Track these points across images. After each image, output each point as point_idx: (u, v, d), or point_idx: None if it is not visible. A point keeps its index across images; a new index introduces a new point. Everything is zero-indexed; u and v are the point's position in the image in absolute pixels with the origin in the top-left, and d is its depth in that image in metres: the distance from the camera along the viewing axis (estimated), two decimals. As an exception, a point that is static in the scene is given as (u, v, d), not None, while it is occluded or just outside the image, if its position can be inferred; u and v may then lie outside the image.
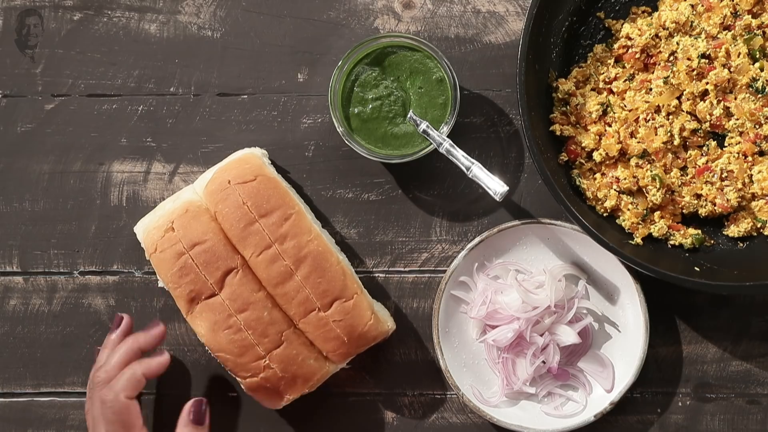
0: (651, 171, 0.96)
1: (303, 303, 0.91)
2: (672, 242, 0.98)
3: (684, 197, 0.97)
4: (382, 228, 1.02)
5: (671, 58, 0.98)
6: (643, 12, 1.00)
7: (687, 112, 0.97)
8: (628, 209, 0.97)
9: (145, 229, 0.94)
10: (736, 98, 0.96)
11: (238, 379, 0.93)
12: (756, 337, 1.01)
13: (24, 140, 1.03)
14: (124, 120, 1.03)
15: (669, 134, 0.96)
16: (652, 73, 0.98)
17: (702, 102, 0.97)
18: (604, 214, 0.98)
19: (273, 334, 0.91)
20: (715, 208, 0.97)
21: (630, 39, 0.99)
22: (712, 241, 0.99)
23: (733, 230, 0.98)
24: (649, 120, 0.97)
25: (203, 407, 0.92)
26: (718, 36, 0.97)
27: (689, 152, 0.98)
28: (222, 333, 0.90)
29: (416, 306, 1.02)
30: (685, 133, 0.97)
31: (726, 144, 0.98)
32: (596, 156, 0.97)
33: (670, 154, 0.97)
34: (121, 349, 0.92)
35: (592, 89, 1.00)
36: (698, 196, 0.98)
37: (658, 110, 0.97)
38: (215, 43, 1.03)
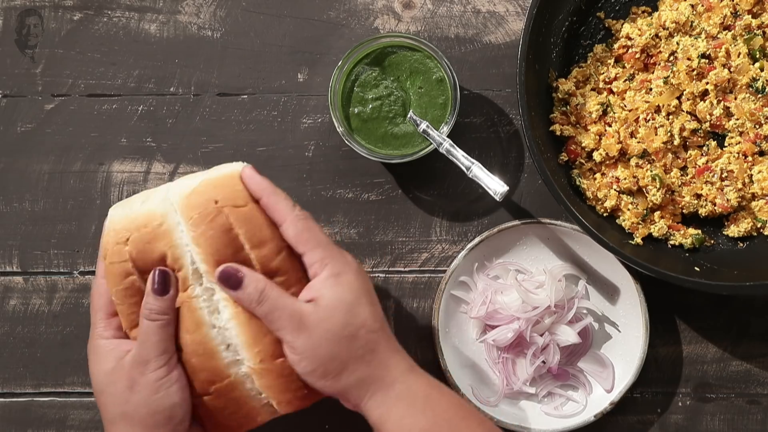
0: (651, 171, 0.96)
1: (274, 343, 0.83)
2: (672, 242, 0.98)
3: (684, 197, 0.97)
4: (382, 228, 1.02)
5: (671, 58, 0.98)
6: (643, 12, 1.00)
7: (687, 112, 0.97)
8: (628, 209, 0.97)
9: (110, 223, 0.85)
10: (736, 98, 0.96)
11: None
12: (756, 337, 1.01)
13: (24, 140, 1.03)
14: (124, 120, 1.03)
15: (669, 134, 0.96)
16: (652, 73, 0.98)
17: (702, 102, 0.97)
18: (604, 214, 0.98)
19: (200, 381, 0.83)
20: (715, 208, 0.97)
21: (630, 39, 0.99)
22: (712, 241, 0.99)
23: (733, 230, 0.98)
24: (649, 120, 0.97)
25: (167, 276, 0.83)
26: (718, 36, 0.97)
27: (689, 152, 0.98)
28: None
29: (416, 306, 1.02)
30: (685, 133, 0.97)
31: (726, 144, 0.98)
32: (596, 156, 0.97)
33: (670, 154, 0.97)
34: None
35: (592, 89, 1.00)
36: (698, 196, 0.98)
37: (658, 110, 0.97)
38: (215, 43, 1.03)
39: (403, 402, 0.81)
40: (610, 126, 0.98)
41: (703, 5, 0.97)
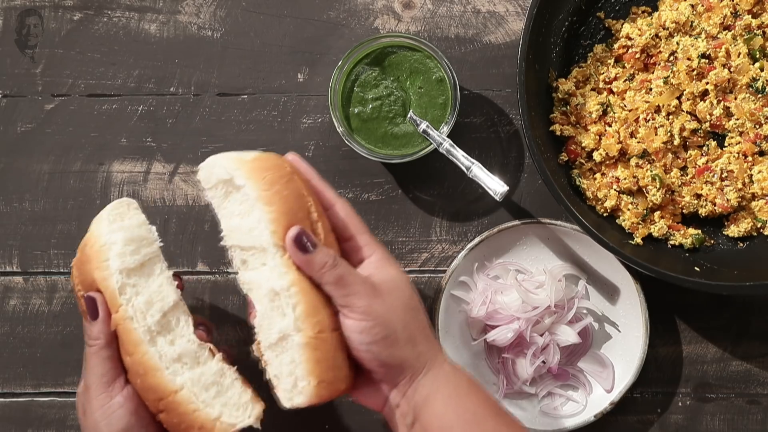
0: (651, 171, 0.96)
1: (332, 315, 0.81)
2: (672, 242, 0.98)
3: (684, 197, 0.97)
4: (382, 228, 1.02)
5: (671, 58, 0.98)
6: (643, 12, 1.00)
7: (687, 112, 0.97)
8: (628, 209, 0.97)
9: None
10: (736, 98, 0.96)
11: None
12: (756, 337, 1.01)
13: (24, 140, 1.03)
14: (124, 120, 1.03)
15: (669, 134, 0.96)
16: (652, 73, 0.98)
17: (702, 102, 0.97)
18: (604, 214, 0.98)
19: (150, 401, 0.82)
20: (715, 208, 0.97)
21: (630, 39, 0.99)
22: (712, 241, 0.99)
23: (733, 230, 0.98)
24: (649, 120, 0.97)
25: (93, 301, 0.82)
26: (718, 36, 0.97)
27: (689, 152, 0.98)
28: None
29: (416, 306, 1.02)
30: (685, 133, 0.97)
31: (726, 144, 0.98)
32: (596, 156, 0.97)
33: (670, 154, 0.97)
34: None
35: (592, 89, 1.00)
36: (698, 196, 0.98)
37: (658, 110, 0.97)
38: (215, 43, 1.03)
39: (452, 383, 0.82)
40: (610, 126, 0.98)
41: (703, 5, 0.97)
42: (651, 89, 0.97)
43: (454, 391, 0.81)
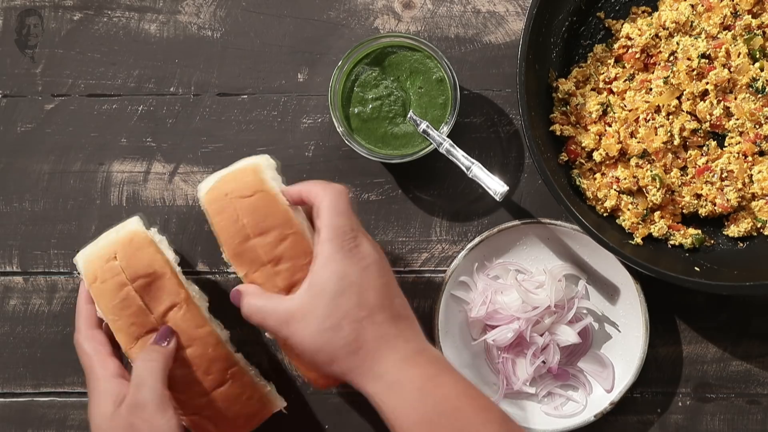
0: (651, 171, 0.96)
1: None
2: (672, 242, 0.98)
3: (684, 197, 0.97)
4: (382, 228, 1.02)
5: (671, 58, 0.98)
6: (643, 12, 1.00)
7: (687, 112, 0.97)
8: (628, 209, 0.97)
9: (86, 258, 0.89)
10: (736, 98, 0.96)
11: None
12: (756, 337, 1.01)
13: (24, 140, 1.03)
14: (124, 120, 1.03)
15: (669, 134, 0.96)
16: (652, 73, 0.98)
17: (702, 102, 0.97)
18: (604, 214, 0.98)
19: (217, 372, 0.87)
20: (715, 208, 0.97)
21: (630, 39, 0.99)
22: (712, 241, 0.99)
23: (733, 230, 0.98)
24: (649, 120, 0.97)
25: (169, 331, 0.87)
26: (718, 36, 0.97)
27: (689, 152, 0.98)
28: None
29: (416, 306, 1.02)
30: (685, 133, 0.97)
31: (726, 144, 0.98)
32: (596, 156, 0.97)
33: (670, 154, 0.97)
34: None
35: (592, 89, 1.00)
36: (698, 196, 0.98)
37: (658, 110, 0.97)
38: (215, 43, 1.03)
39: (395, 393, 0.80)
40: (610, 126, 0.98)
41: (703, 5, 0.97)
42: (651, 89, 0.97)
43: (398, 401, 0.79)
